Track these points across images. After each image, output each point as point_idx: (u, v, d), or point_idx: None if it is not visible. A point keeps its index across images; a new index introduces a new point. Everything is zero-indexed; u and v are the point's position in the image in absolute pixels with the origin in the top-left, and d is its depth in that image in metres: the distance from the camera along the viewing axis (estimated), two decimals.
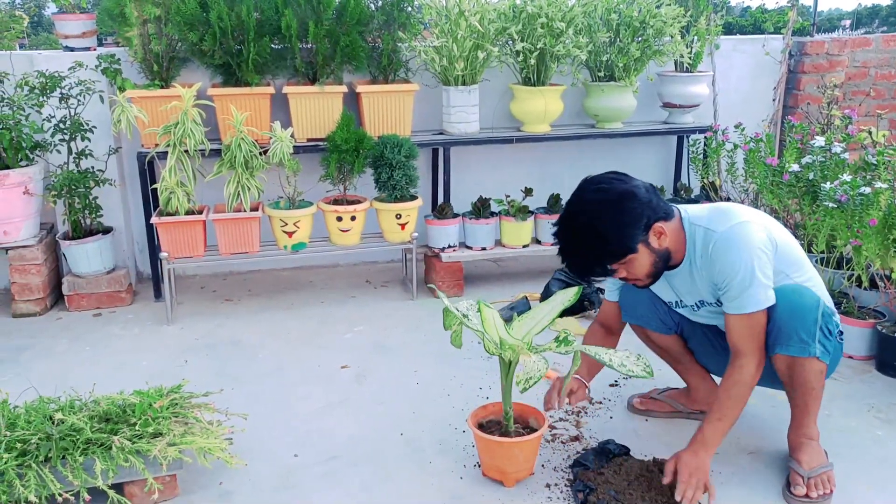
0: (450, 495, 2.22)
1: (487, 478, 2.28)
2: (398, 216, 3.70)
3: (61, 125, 3.56)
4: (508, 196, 3.86)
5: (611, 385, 2.85)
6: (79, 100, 3.57)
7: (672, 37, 4.03)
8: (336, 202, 3.70)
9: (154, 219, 3.48)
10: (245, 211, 3.51)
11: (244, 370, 3.05)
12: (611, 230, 2.04)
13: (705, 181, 4.11)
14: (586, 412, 2.66)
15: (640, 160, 4.53)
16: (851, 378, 2.89)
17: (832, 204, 3.04)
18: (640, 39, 4.03)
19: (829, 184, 3.09)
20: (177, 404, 2.28)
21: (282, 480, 2.30)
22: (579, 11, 3.88)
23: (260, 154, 3.51)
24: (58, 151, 3.64)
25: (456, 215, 3.85)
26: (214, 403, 2.41)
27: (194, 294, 3.93)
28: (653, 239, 2.10)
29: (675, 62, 4.29)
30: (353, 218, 3.65)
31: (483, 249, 3.85)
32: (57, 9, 3.87)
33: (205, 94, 3.66)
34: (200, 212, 3.55)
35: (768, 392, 2.49)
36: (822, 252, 3.27)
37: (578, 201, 2.10)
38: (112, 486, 2.04)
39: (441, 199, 4.08)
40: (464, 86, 3.89)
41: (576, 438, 2.49)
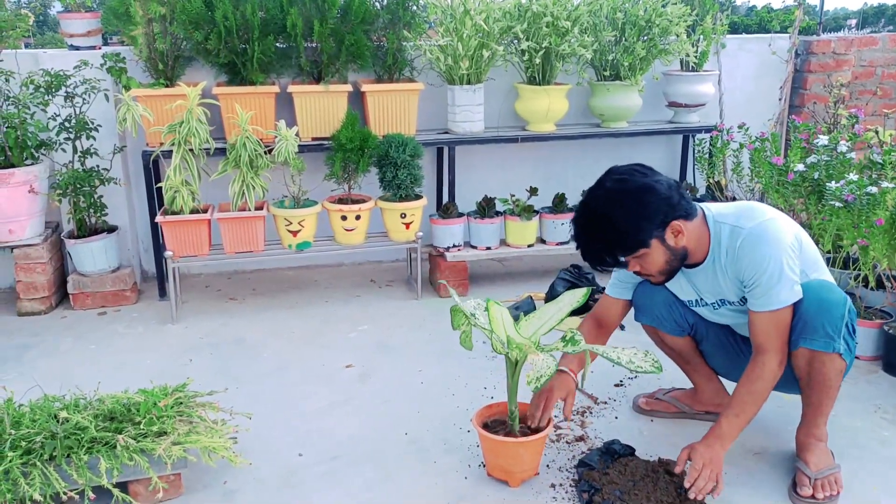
0: (454, 495, 2.21)
1: (492, 478, 2.27)
2: (403, 215, 3.70)
3: (66, 124, 3.56)
4: (513, 195, 3.85)
5: (616, 385, 2.85)
6: (84, 98, 3.57)
7: (678, 36, 4.02)
8: (341, 201, 3.70)
9: (159, 217, 3.48)
10: (250, 210, 3.52)
11: (248, 369, 3.05)
12: (624, 222, 2.03)
13: (711, 181, 4.09)
14: (591, 412, 2.65)
15: (646, 159, 4.38)
16: (858, 378, 2.87)
17: (838, 203, 3.03)
18: (646, 38, 4.02)
19: (835, 183, 3.08)
20: (181, 403, 2.28)
21: (286, 479, 2.30)
22: (585, 10, 3.87)
23: (265, 153, 3.51)
24: (63, 150, 3.64)
25: (461, 215, 3.84)
26: (219, 402, 2.41)
27: (199, 293, 3.94)
28: (669, 236, 2.08)
29: (681, 61, 4.28)
30: (358, 217, 3.65)
31: (488, 249, 3.84)
32: (62, 7, 3.88)
33: (210, 93, 3.66)
34: (205, 211, 3.55)
35: (774, 393, 2.48)
36: (829, 252, 3.25)
37: (598, 189, 2.10)
38: (116, 485, 2.05)
39: (446, 199, 4.08)
40: (469, 85, 3.88)
41: (581, 438, 2.48)
